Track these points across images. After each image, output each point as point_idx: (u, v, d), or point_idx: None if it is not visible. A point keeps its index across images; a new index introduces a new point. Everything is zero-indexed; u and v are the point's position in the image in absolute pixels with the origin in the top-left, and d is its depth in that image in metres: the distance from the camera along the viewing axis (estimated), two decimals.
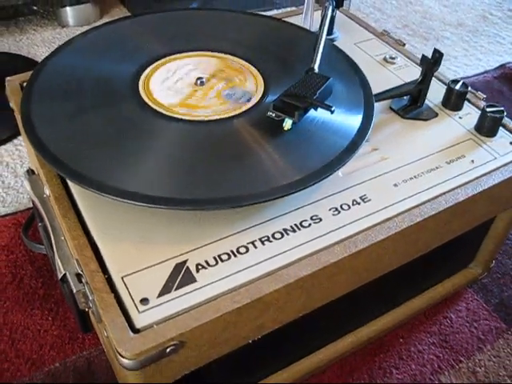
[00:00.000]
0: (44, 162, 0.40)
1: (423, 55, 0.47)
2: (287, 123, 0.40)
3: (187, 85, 0.46)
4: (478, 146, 0.47)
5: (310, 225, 0.39)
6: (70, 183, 0.40)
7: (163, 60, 0.49)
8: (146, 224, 0.38)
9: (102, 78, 0.45)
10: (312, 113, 0.42)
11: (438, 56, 0.47)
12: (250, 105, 0.44)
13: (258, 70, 0.48)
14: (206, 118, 0.43)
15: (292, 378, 0.48)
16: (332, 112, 0.39)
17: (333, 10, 0.55)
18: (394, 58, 0.56)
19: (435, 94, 0.51)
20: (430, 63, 0.47)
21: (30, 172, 0.47)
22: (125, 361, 0.31)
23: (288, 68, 0.49)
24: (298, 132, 0.42)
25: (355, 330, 0.51)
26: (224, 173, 0.38)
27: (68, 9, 0.97)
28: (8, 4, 0.87)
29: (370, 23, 1.06)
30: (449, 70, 0.95)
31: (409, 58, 0.57)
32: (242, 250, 0.37)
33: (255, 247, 0.37)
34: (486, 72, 0.95)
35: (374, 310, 0.51)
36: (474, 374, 0.51)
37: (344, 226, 0.39)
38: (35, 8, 0.92)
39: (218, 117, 0.43)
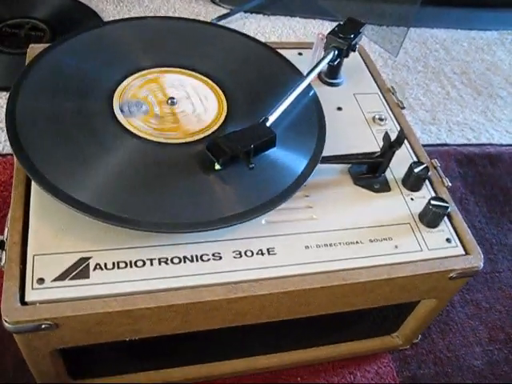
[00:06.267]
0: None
1: (386, 132, 0.49)
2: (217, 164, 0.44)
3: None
4: (411, 232, 0.48)
5: (208, 260, 0.43)
6: None
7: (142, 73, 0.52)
8: (72, 219, 0.43)
9: (82, 85, 0.50)
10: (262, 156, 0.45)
11: (401, 137, 0.48)
12: (206, 133, 0.48)
13: (227, 99, 0.52)
14: (164, 141, 0.47)
15: (186, 378, 0.54)
16: (250, 169, 0.42)
17: (334, 60, 0.57)
18: (382, 120, 0.57)
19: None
20: (391, 142, 0.49)
21: None
22: (6, 324, 0.38)
23: (257, 103, 0.51)
24: (235, 172, 0.45)
25: (254, 356, 0.55)
26: (147, 197, 0.43)
27: None
28: None
29: (429, 62, 1.05)
30: (485, 132, 0.93)
31: (399, 124, 0.58)
32: (140, 263, 0.42)
33: (151, 264, 0.42)
34: None
35: (276, 345, 0.55)
36: None
37: (236, 270, 0.42)
38: None
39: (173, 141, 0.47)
